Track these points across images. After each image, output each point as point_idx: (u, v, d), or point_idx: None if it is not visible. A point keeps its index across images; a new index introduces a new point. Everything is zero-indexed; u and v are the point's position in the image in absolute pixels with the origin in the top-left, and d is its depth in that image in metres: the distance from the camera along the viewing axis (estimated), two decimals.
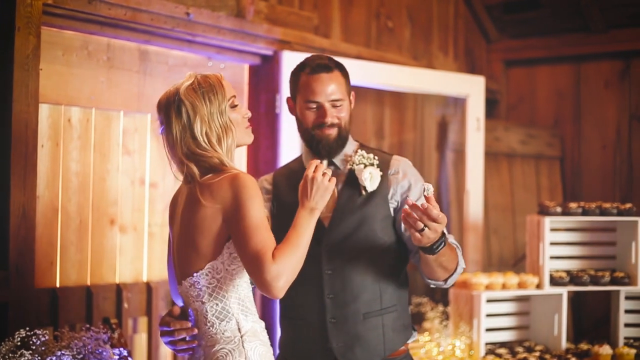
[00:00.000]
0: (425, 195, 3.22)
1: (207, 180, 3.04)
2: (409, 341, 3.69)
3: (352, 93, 3.69)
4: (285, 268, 2.88)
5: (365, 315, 3.56)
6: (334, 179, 3.16)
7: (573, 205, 5.35)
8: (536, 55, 7.05)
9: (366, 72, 5.53)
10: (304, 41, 5.28)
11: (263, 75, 5.08)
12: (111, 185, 4.43)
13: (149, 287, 4.54)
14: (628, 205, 5.38)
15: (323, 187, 3.12)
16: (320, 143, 3.57)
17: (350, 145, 3.70)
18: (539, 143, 6.87)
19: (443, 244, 3.31)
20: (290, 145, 5.00)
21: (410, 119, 6.40)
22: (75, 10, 4.01)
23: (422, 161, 6.40)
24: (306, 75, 3.58)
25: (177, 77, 4.61)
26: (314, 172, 3.14)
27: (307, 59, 3.66)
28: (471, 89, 6.07)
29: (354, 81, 5.23)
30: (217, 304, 3.05)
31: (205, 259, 3.03)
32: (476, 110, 6.08)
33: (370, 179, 3.56)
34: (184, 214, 3.10)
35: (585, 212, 5.35)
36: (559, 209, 5.32)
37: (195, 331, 3.09)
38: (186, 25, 4.52)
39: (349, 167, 3.58)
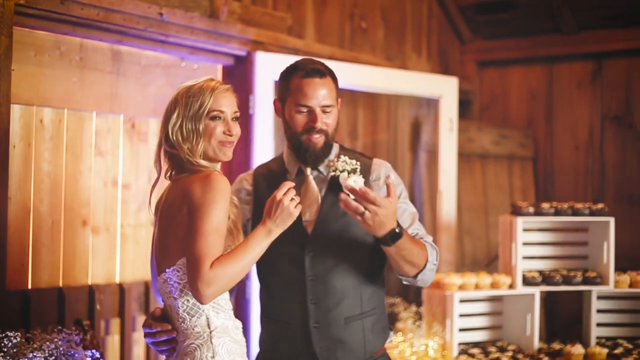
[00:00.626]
0: (353, 187, 3.30)
1: (180, 177, 3.14)
2: (387, 342, 3.75)
3: (339, 99, 3.68)
4: (219, 279, 2.94)
5: (347, 319, 3.60)
6: (299, 207, 3.19)
7: (545, 205, 5.37)
8: (509, 56, 7.08)
9: (339, 73, 5.47)
10: (277, 42, 5.28)
11: (236, 75, 5.07)
12: (84, 186, 4.41)
13: (121, 289, 4.52)
14: (600, 206, 5.41)
15: (287, 212, 3.16)
16: (307, 151, 3.56)
17: (333, 150, 3.70)
18: (512, 143, 6.90)
19: (398, 236, 3.35)
20: (263, 146, 4.99)
21: (384, 119, 6.41)
22: (48, 10, 3.98)
23: (395, 162, 6.41)
24: (299, 78, 3.57)
25: (150, 78, 4.62)
26: (284, 194, 3.17)
27: (299, 62, 3.65)
28: (444, 89, 6.09)
29: None
30: (187, 300, 3.10)
31: (176, 255, 3.08)
32: (449, 111, 6.10)
33: (354, 185, 3.55)
34: (162, 211, 3.17)
35: (557, 213, 5.37)
36: (531, 210, 5.34)
37: (175, 333, 3.13)
38: (159, 26, 4.50)
39: (331, 173, 3.56)
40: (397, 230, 3.35)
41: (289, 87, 3.59)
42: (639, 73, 6.55)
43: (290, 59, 5.09)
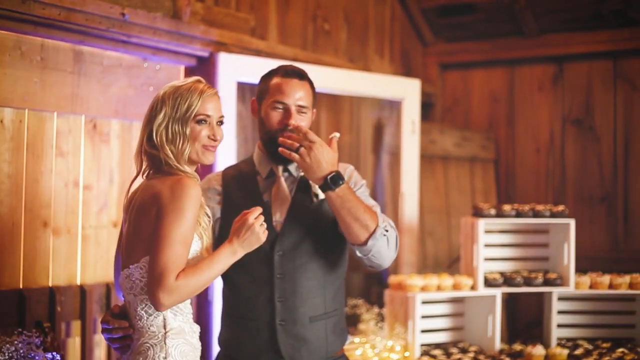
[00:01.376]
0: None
1: (154, 178, 3.15)
2: (346, 343, 3.84)
3: (314, 110, 3.74)
4: (180, 291, 2.97)
5: (312, 318, 3.66)
6: (266, 232, 3.22)
7: (507, 207, 5.41)
8: (471, 59, 7.11)
9: None
10: (240, 43, 5.27)
11: (199, 76, 5.05)
12: (44, 187, 4.38)
13: (82, 291, 4.49)
14: (561, 208, 5.45)
15: (255, 236, 3.19)
16: (277, 147, 3.59)
17: None
18: (474, 146, 6.93)
19: (339, 179, 3.43)
20: (225, 147, 4.98)
21: (347, 121, 6.42)
22: (8, 9, 3.95)
23: (358, 163, 6.42)
24: (278, 77, 3.66)
25: (112, 78, 4.60)
26: (255, 218, 3.19)
27: (281, 66, 3.76)
28: (407, 91, 6.11)
29: None
30: (147, 298, 3.09)
31: (141, 253, 3.09)
32: (412, 113, 6.12)
33: None
34: (133, 208, 3.17)
35: (518, 215, 5.41)
36: (492, 211, 5.37)
37: (131, 331, 3.14)
38: (121, 26, 4.48)
39: (301, 173, 3.63)
40: (338, 174, 3.44)
41: (268, 86, 3.67)
42: (600, 76, 6.61)
43: (253, 60, 5.10)
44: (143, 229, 3.08)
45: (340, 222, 3.54)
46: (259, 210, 3.21)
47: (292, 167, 3.70)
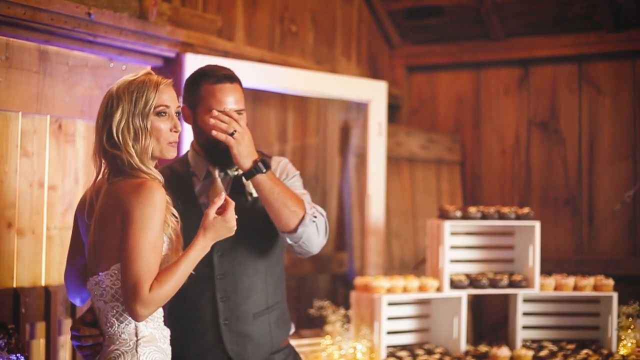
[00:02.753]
0: None
1: (116, 182, 3.07)
2: (290, 333, 3.94)
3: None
4: (157, 301, 2.95)
5: (255, 315, 3.75)
6: (234, 223, 3.21)
7: (472, 209, 5.43)
8: (437, 62, 7.14)
9: (269, 76, 5.53)
10: (207, 44, 5.26)
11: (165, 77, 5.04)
12: (9, 187, 4.34)
13: (47, 292, 4.45)
14: (526, 210, 5.49)
15: (226, 227, 3.17)
16: (218, 151, 3.62)
17: None
18: (440, 148, 6.95)
19: (267, 164, 3.53)
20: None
21: (313, 123, 6.42)
22: None
23: (324, 165, 6.42)
24: (210, 84, 3.66)
25: (78, 78, 4.57)
26: (222, 209, 3.17)
27: (207, 68, 3.75)
28: (373, 94, 6.12)
29: (257, 85, 5.25)
30: (118, 306, 3.07)
31: (110, 261, 3.04)
32: (378, 115, 6.13)
33: None
34: (96, 213, 3.11)
35: (484, 217, 5.43)
36: (458, 213, 5.39)
37: (102, 339, 3.11)
38: (87, 26, 4.46)
39: (234, 173, 3.68)
40: (264, 159, 3.55)
41: (200, 93, 3.67)
42: (565, 79, 6.65)
43: (220, 61, 5.08)
44: (110, 236, 3.03)
45: (270, 211, 3.60)
46: (220, 201, 3.19)
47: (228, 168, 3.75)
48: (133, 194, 2.99)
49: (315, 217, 3.64)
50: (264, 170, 3.53)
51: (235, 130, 3.50)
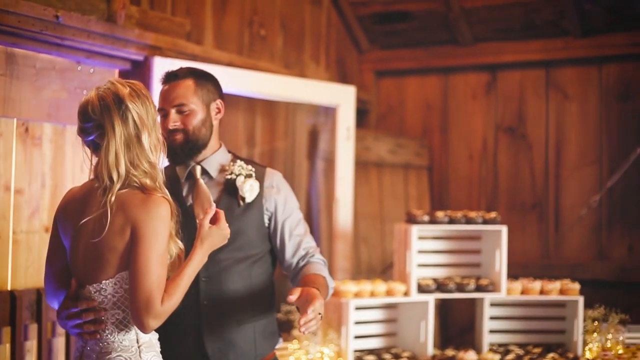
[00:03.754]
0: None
1: (122, 194, 3.06)
2: (276, 347, 3.86)
3: (218, 102, 3.76)
4: (167, 312, 3.02)
5: (239, 321, 3.69)
6: (228, 230, 3.29)
7: (440, 214, 5.45)
8: (406, 67, 7.16)
9: (238, 80, 5.52)
10: (175, 47, 5.25)
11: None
12: None
13: (13, 296, 4.42)
14: (493, 215, 5.51)
15: (220, 236, 3.26)
16: (168, 150, 3.60)
17: (224, 156, 3.81)
18: (408, 153, 6.98)
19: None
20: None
21: (282, 127, 6.42)
22: None
23: (292, 170, 6.42)
24: (161, 86, 3.72)
25: (45, 81, 4.54)
26: (215, 218, 3.25)
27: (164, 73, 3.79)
28: (342, 98, 6.13)
29: (225, 89, 5.22)
30: (119, 313, 3.09)
31: (116, 268, 3.06)
32: (346, 120, 6.14)
33: (250, 190, 3.68)
34: (96, 221, 3.07)
35: (451, 221, 5.45)
36: (426, 218, 5.41)
37: (104, 312, 3.09)
38: (55, 29, 4.43)
39: (227, 176, 3.68)
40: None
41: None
42: (532, 85, 6.70)
43: (189, 65, 5.07)
44: (118, 245, 3.03)
45: None
46: (212, 211, 3.25)
47: (211, 170, 3.74)
48: (142, 208, 3.02)
49: (333, 286, 3.84)
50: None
51: (321, 315, 3.41)
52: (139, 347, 3.11)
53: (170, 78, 3.69)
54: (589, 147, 6.47)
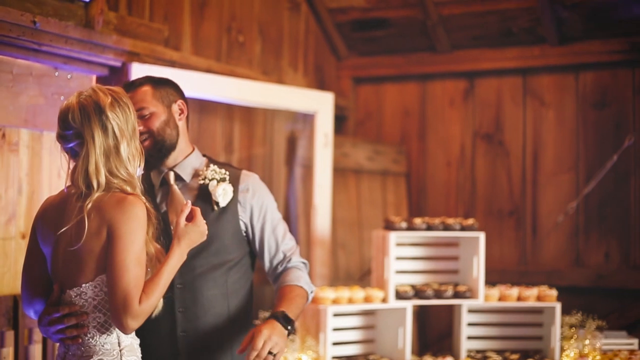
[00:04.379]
0: None
1: (99, 197, 3.07)
2: None
3: (179, 102, 3.79)
4: (146, 312, 3.03)
5: (215, 327, 3.69)
6: (205, 226, 3.33)
7: (418, 220, 5.46)
8: (384, 73, 7.17)
9: (216, 86, 5.52)
10: (153, 53, 5.23)
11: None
12: None
13: None
14: (470, 221, 5.53)
15: (198, 233, 3.29)
16: (151, 156, 3.67)
17: (197, 160, 3.83)
18: (386, 159, 6.98)
19: (290, 327, 3.57)
20: None
21: (260, 133, 6.41)
22: None
23: (271, 176, 6.41)
24: None
25: (22, 87, 4.52)
26: (191, 215, 3.28)
27: None
28: (320, 105, 6.13)
29: (204, 95, 5.22)
30: (100, 317, 3.10)
31: (95, 272, 3.07)
32: (325, 126, 6.14)
33: (223, 194, 3.68)
34: (74, 228, 3.08)
35: (429, 228, 5.46)
36: (404, 225, 5.42)
37: (86, 316, 3.10)
38: (32, 34, 4.41)
39: (200, 181, 3.68)
40: (291, 327, 3.59)
41: None
42: (509, 92, 6.72)
43: (166, 71, 5.07)
44: (95, 248, 3.05)
45: None
46: (187, 209, 3.29)
47: (184, 174, 3.74)
48: (117, 209, 3.03)
49: (313, 289, 3.86)
50: (292, 330, 3.60)
51: (272, 353, 3.47)
52: (120, 350, 3.12)
53: (129, 87, 3.70)
54: (566, 154, 6.50)
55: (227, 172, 3.74)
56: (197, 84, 5.37)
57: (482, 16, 6.51)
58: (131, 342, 3.17)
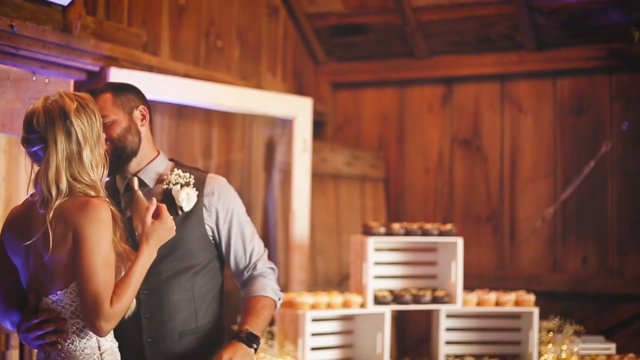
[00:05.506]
0: None
1: (61, 204, 3.06)
2: None
3: (141, 108, 3.76)
4: (119, 313, 3.03)
5: (182, 334, 3.69)
6: (173, 222, 3.33)
7: (396, 226, 5.46)
8: (362, 79, 7.18)
9: (194, 91, 5.51)
10: (131, 58, 5.22)
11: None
12: None
13: None
14: (448, 227, 5.54)
15: (166, 230, 3.29)
16: (115, 161, 3.66)
17: (162, 164, 3.81)
18: (364, 165, 6.99)
19: (255, 345, 3.63)
20: None
21: (238, 139, 6.41)
22: None
23: (249, 181, 6.41)
24: None
25: (0, 91, 4.49)
26: (157, 213, 3.28)
27: None
28: (298, 110, 6.13)
29: (182, 100, 5.21)
30: (78, 322, 3.10)
31: (68, 278, 3.06)
32: (303, 132, 6.15)
33: (187, 199, 3.67)
34: (41, 239, 3.07)
35: (407, 233, 5.47)
36: (382, 230, 5.42)
37: (64, 322, 3.10)
38: (9, 38, 4.39)
39: (164, 186, 3.67)
40: (255, 344, 3.63)
41: None
42: (487, 98, 6.75)
43: (145, 76, 5.06)
44: (63, 255, 3.04)
45: None
46: (152, 207, 3.28)
47: (147, 179, 3.74)
48: (81, 213, 3.02)
49: (279, 297, 3.88)
50: (256, 348, 3.63)
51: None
52: (100, 354, 3.13)
53: (90, 95, 3.68)
54: (544, 159, 6.53)
55: (192, 176, 3.72)
56: (175, 88, 5.36)
57: (461, 22, 6.53)
58: (111, 346, 3.18)
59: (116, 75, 4.93)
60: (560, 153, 6.48)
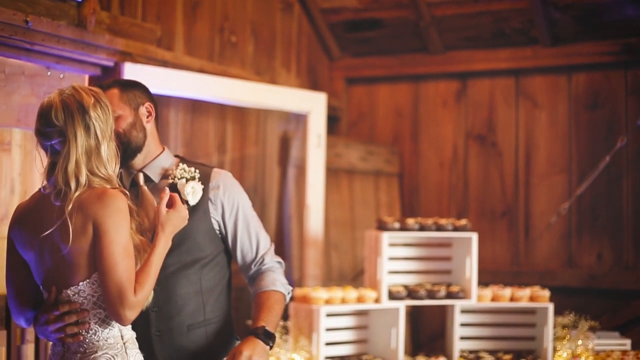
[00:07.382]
0: None
1: (78, 196, 3.07)
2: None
3: (147, 105, 3.74)
4: (142, 302, 3.07)
5: (190, 327, 3.69)
6: (186, 210, 3.40)
7: (410, 221, 5.46)
8: (376, 74, 7.17)
9: (208, 86, 5.52)
10: (146, 53, 5.23)
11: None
12: None
13: None
14: (463, 222, 5.53)
15: (180, 218, 3.35)
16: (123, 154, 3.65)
17: (167, 160, 3.80)
18: (378, 160, 6.99)
19: (271, 342, 3.61)
20: None
21: (253, 134, 6.41)
22: None
23: (263, 176, 6.41)
24: None
25: (14, 86, 4.51)
26: (171, 202, 3.35)
27: None
28: (313, 105, 6.13)
29: (196, 95, 5.21)
30: (100, 312, 3.12)
31: (90, 268, 3.08)
32: (317, 127, 6.14)
33: (192, 193, 3.67)
34: (59, 232, 3.07)
35: (422, 228, 5.46)
36: (396, 225, 5.41)
37: (86, 313, 3.12)
38: (24, 34, 4.40)
39: (170, 181, 3.67)
40: (271, 341, 3.62)
41: None
42: (502, 93, 6.73)
43: (159, 71, 5.07)
44: (84, 246, 3.05)
45: None
46: (166, 197, 3.36)
47: (153, 175, 3.73)
48: (100, 204, 3.04)
49: (289, 291, 3.85)
50: (272, 344, 3.62)
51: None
52: (124, 343, 3.16)
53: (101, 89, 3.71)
54: (558, 155, 6.51)
55: (197, 171, 3.72)
56: (189, 84, 5.36)
57: (475, 17, 6.52)
58: (132, 335, 3.21)
59: (130, 70, 4.93)
60: (575, 148, 6.46)
